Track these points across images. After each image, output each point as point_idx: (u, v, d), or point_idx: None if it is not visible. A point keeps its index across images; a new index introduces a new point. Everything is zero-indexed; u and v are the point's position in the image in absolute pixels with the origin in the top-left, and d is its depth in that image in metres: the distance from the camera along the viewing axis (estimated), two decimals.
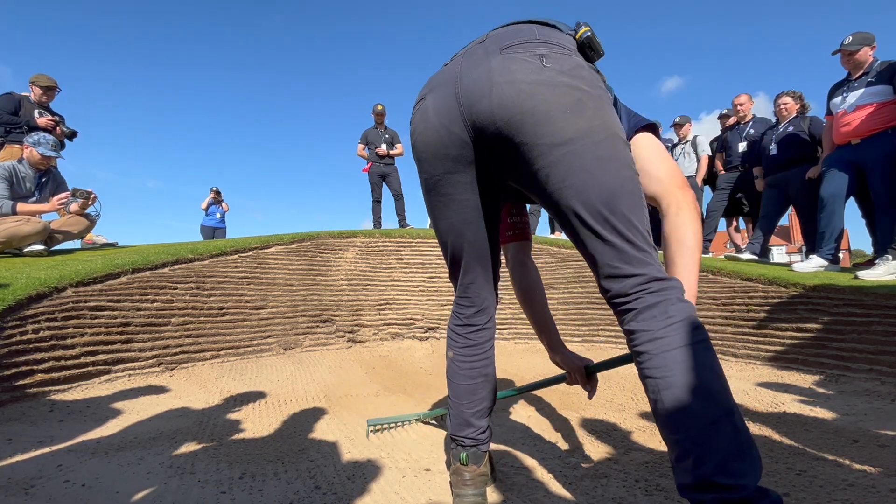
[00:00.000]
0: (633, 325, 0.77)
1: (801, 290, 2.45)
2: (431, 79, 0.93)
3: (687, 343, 0.72)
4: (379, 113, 5.88)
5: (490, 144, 0.83)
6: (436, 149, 0.89)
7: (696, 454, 0.68)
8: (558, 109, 0.75)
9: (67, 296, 2.19)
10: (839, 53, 3.12)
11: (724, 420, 0.68)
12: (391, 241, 4.13)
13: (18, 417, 1.60)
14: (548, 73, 0.76)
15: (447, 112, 0.85)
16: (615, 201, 0.76)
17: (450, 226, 0.98)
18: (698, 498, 0.68)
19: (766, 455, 1.29)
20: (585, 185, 0.75)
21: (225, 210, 8.28)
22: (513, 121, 0.77)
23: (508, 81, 0.76)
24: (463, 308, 1.09)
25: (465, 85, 0.81)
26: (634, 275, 0.77)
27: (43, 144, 3.40)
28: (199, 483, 1.18)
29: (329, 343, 3.17)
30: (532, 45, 0.78)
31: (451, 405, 1.11)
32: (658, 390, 0.73)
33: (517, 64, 0.77)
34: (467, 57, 0.84)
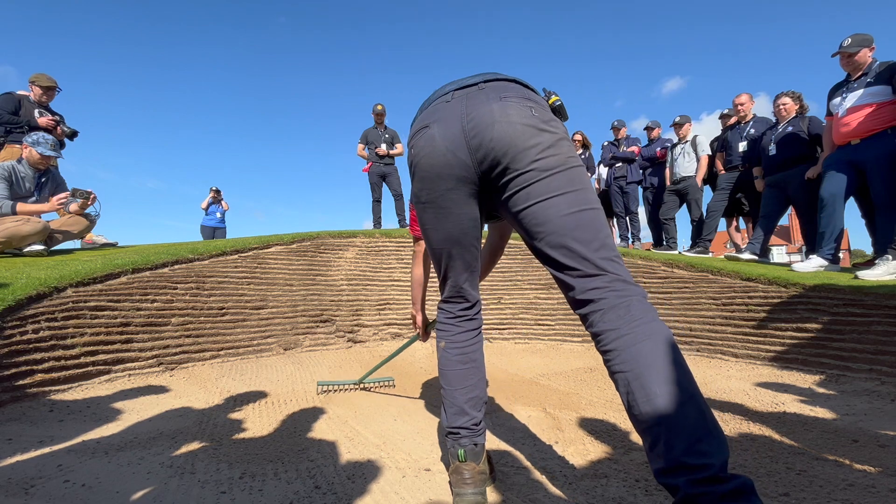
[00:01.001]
0: (600, 326, 0.89)
1: (801, 290, 2.45)
2: (430, 111, 1.09)
3: (649, 335, 0.82)
4: (379, 113, 5.88)
5: (486, 168, 1.01)
6: (441, 169, 1.04)
7: (665, 438, 0.75)
8: (542, 145, 0.96)
9: (67, 296, 2.19)
10: (839, 55, 3.13)
11: (688, 403, 0.76)
12: (391, 241, 4.13)
13: (18, 417, 1.60)
14: (535, 119, 0.98)
15: (454, 139, 1.01)
16: (586, 213, 0.94)
17: (447, 235, 1.13)
18: (672, 481, 0.74)
19: (766, 455, 1.29)
20: (559, 202, 0.94)
21: (225, 209, 8.32)
22: (508, 150, 0.97)
23: (507, 121, 0.97)
24: (454, 304, 1.23)
25: (472, 119, 1.00)
26: (597, 274, 0.91)
27: (42, 144, 3.40)
28: (199, 483, 1.18)
29: (329, 343, 3.17)
30: (523, 99, 1.01)
31: (445, 395, 1.17)
32: (628, 382, 0.81)
33: (514, 109, 0.98)
34: (470, 99, 1.03)
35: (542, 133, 0.97)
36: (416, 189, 1.13)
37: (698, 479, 0.70)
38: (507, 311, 3.56)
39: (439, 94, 1.11)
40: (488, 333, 3.48)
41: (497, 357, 3.05)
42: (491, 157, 0.99)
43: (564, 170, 0.96)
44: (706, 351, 2.62)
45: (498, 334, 3.47)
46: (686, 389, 0.77)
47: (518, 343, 3.37)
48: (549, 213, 0.94)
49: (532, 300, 3.56)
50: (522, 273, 3.80)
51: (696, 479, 0.71)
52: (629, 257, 3.52)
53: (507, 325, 3.50)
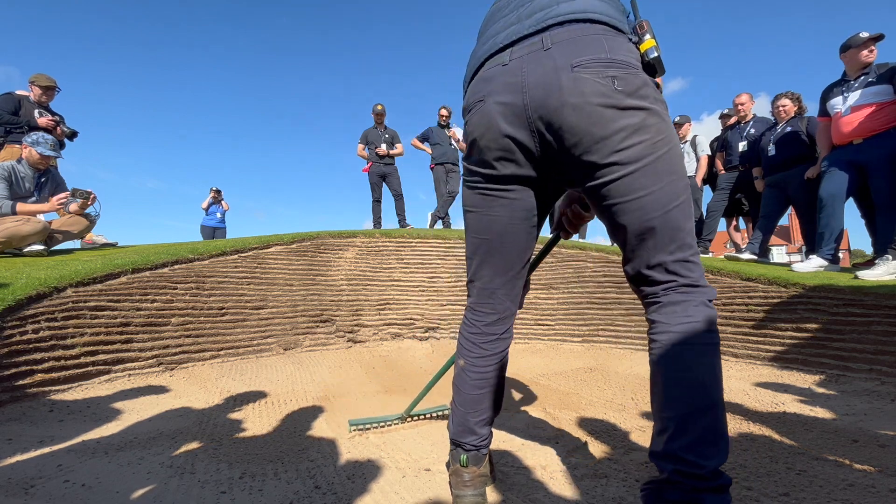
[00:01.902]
0: (655, 315, 0.87)
1: (801, 290, 2.45)
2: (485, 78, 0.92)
3: (696, 342, 0.81)
4: (379, 113, 5.88)
5: (555, 155, 0.87)
6: (497, 152, 0.90)
7: (672, 430, 0.79)
8: (625, 131, 0.80)
9: (67, 296, 2.19)
10: (850, 51, 3.11)
11: (707, 410, 0.78)
12: (391, 241, 4.13)
13: (18, 417, 1.60)
14: (619, 95, 0.79)
15: (513, 118, 0.87)
16: (670, 214, 0.83)
17: (491, 223, 0.97)
18: (660, 465, 0.80)
19: (766, 455, 1.29)
20: (645, 200, 0.82)
21: (225, 209, 8.34)
22: (582, 139, 0.81)
23: (579, 103, 0.79)
24: (481, 315, 1.05)
25: (535, 96, 0.84)
26: (666, 281, 0.86)
27: (42, 144, 3.40)
28: (199, 483, 1.18)
29: (329, 343, 3.17)
30: (602, 65, 0.80)
31: (455, 411, 1.08)
32: (659, 374, 0.84)
33: (589, 85, 0.79)
34: (532, 63, 0.85)
35: (627, 113, 0.79)
36: (467, 166, 1.00)
37: (684, 472, 0.76)
38: None
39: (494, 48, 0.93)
40: None
41: None
42: (559, 145, 0.84)
43: (651, 161, 0.81)
44: None
45: None
46: (709, 397, 0.78)
47: (518, 343, 3.37)
48: (631, 217, 0.84)
49: (532, 300, 3.56)
50: None
51: (682, 471, 0.76)
52: None
53: None
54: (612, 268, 3.47)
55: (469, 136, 0.96)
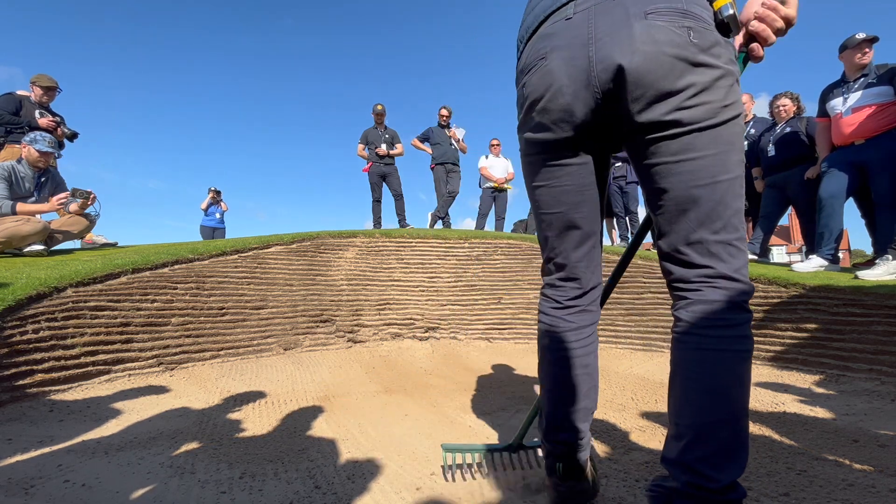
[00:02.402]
0: (683, 313, 0.80)
1: (801, 290, 2.45)
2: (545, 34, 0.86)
3: (725, 348, 0.75)
4: (379, 113, 5.88)
5: (616, 107, 0.81)
6: (560, 114, 0.85)
7: (689, 440, 0.74)
8: (694, 87, 0.74)
9: (67, 296, 2.19)
10: (848, 52, 3.11)
11: (728, 423, 0.73)
12: (391, 241, 4.13)
13: (18, 417, 1.60)
14: (692, 48, 0.74)
15: (577, 76, 0.81)
16: (720, 185, 0.77)
17: (562, 193, 0.92)
18: (673, 473, 0.76)
19: (766, 455, 1.29)
20: (695, 163, 0.76)
21: (224, 210, 8.37)
22: (648, 89, 0.76)
23: (653, 50, 0.74)
24: (564, 290, 0.98)
25: (602, 46, 0.78)
26: (703, 266, 0.78)
27: (40, 141, 3.41)
28: (199, 483, 1.18)
29: (329, 343, 3.17)
30: (678, 15, 0.75)
31: (545, 403, 0.98)
32: (680, 377, 0.79)
33: (663, 33, 0.74)
34: (601, 15, 0.79)
35: (698, 69, 0.74)
36: (526, 138, 0.94)
37: (697, 485, 0.72)
38: (507, 311, 3.56)
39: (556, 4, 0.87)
40: (488, 333, 3.48)
41: (497, 357, 3.04)
42: (623, 95, 0.78)
43: (713, 125, 0.75)
44: None
45: (498, 334, 3.47)
46: (732, 410, 0.73)
47: (518, 343, 3.37)
48: (677, 179, 0.78)
49: (532, 300, 3.56)
50: (522, 273, 3.80)
51: (695, 483, 0.72)
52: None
53: (507, 325, 3.50)
54: (612, 268, 3.47)
55: (527, 98, 0.89)
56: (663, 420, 1.68)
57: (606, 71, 0.78)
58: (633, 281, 3.26)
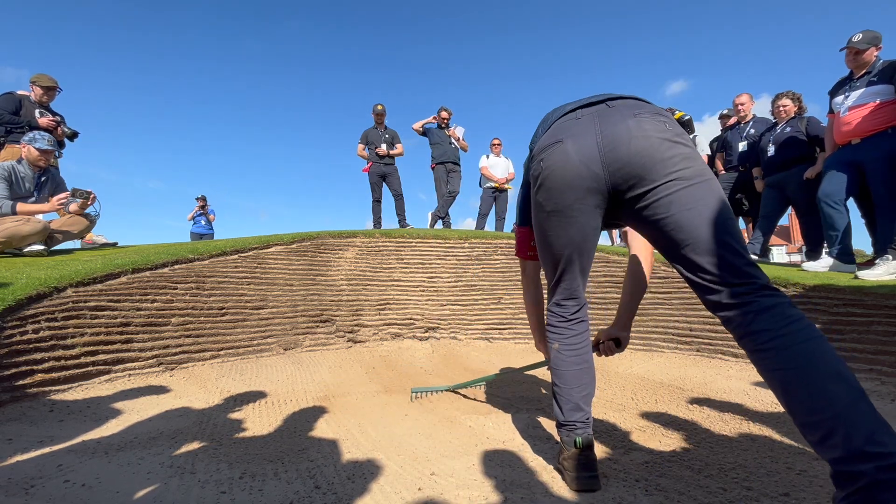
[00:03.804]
0: (754, 326, 0.91)
1: (801, 290, 2.45)
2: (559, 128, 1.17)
3: (810, 337, 0.86)
4: (379, 113, 5.88)
5: (620, 181, 1.08)
6: (573, 180, 1.11)
7: (844, 431, 0.77)
8: (679, 156, 1.02)
9: (67, 296, 2.19)
10: (845, 50, 3.11)
11: (862, 400, 0.79)
12: (391, 241, 4.13)
13: (18, 417, 1.60)
14: (669, 132, 1.05)
15: (588, 154, 1.09)
16: (727, 224, 0.98)
17: (570, 241, 1.19)
18: (855, 468, 0.76)
19: (766, 455, 1.29)
20: (703, 210, 0.99)
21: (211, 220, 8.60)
22: (646, 163, 1.03)
23: (644, 136, 1.04)
24: (567, 308, 1.29)
25: (607, 136, 1.08)
26: (746, 283, 0.95)
27: (39, 140, 3.41)
28: (199, 483, 1.18)
29: (329, 343, 3.17)
30: (656, 114, 1.08)
31: (560, 392, 1.24)
32: (791, 379, 0.85)
33: (649, 124, 1.05)
34: (602, 116, 1.10)
35: (678, 145, 1.03)
36: (541, 199, 1.19)
37: (884, 466, 0.73)
38: (507, 311, 3.56)
39: (564, 112, 1.19)
40: (488, 333, 3.48)
41: (497, 357, 3.05)
42: (627, 171, 1.05)
43: (703, 181, 1.01)
44: (706, 351, 2.62)
45: (498, 334, 3.47)
46: (856, 386, 0.80)
47: (518, 343, 3.37)
48: (694, 223, 0.99)
49: None
50: None
51: (882, 466, 0.73)
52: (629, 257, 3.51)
53: (507, 325, 3.50)
54: (611, 268, 3.47)
55: (544, 170, 1.16)
56: (663, 420, 1.68)
57: (612, 152, 1.06)
58: None
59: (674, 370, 2.46)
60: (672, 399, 1.96)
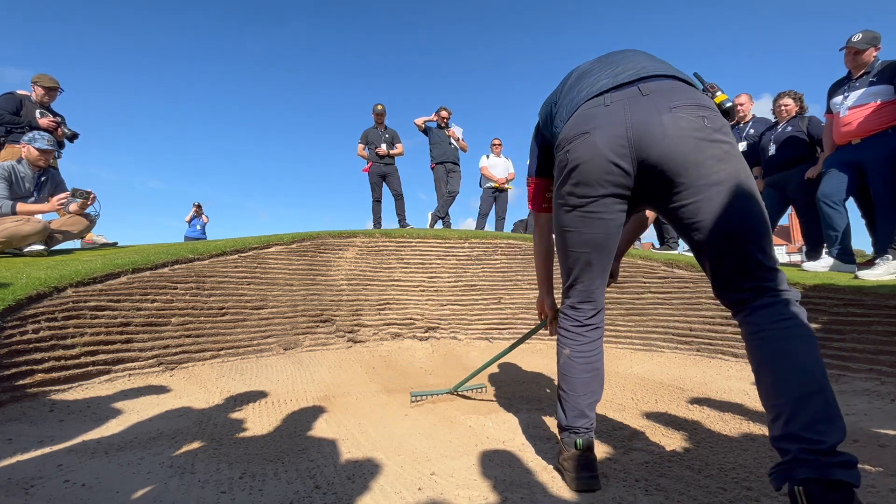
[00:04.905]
0: (751, 318, 0.98)
1: (801, 290, 2.45)
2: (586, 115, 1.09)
3: (792, 335, 0.92)
4: (379, 113, 5.88)
5: (650, 180, 1.04)
6: (599, 176, 1.07)
7: (787, 415, 0.87)
8: (714, 158, 0.98)
9: (67, 296, 2.19)
10: (844, 50, 3.11)
11: (817, 394, 0.86)
12: (391, 241, 4.13)
13: (18, 417, 1.60)
14: (708, 130, 0.99)
15: (617, 149, 1.04)
16: (755, 228, 0.98)
17: (591, 239, 1.15)
18: (784, 447, 0.86)
19: (766, 455, 1.29)
20: (732, 215, 0.97)
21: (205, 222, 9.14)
22: (679, 165, 0.99)
23: (679, 135, 0.99)
24: (583, 311, 1.24)
25: (638, 130, 1.02)
26: (757, 287, 0.98)
27: (39, 140, 3.41)
28: (199, 483, 1.18)
29: (329, 343, 3.17)
30: (694, 107, 1.01)
31: (566, 398, 1.21)
32: (767, 366, 0.93)
33: (686, 121, 0.99)
34: (634, 106, 1.04)
35: (715, 144, 0.98)
36: (565, 193, 1.15)
37: (809, 449, 0.82)
38: (507, 311, 3.56)
39: (592, 94, 1.11)
40: (488, 333, 3.48)
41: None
42: (658, 171, 1.01)
43: (736, 182, 0.97)
44: (706, 351, 2.62)
45: (498, 334, 3.47)
46: (816, 381, 0.87)
47: None
48: (719, 228, 0.98)
49: (532, 300, 3.56)
50: (522, 273, 3.80)
51: (807, 448, 0.82)
52: (629, 257, 3.51)
53: (507, 325, 3.50)
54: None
55: (570, 163, 1.11)
56: (663, 420, 1.68)
57: (643, 149, 1.01)
58: (633, 281, 3.26)
59: (674, 370, 2.46)
60: (672, 399, 1.96)
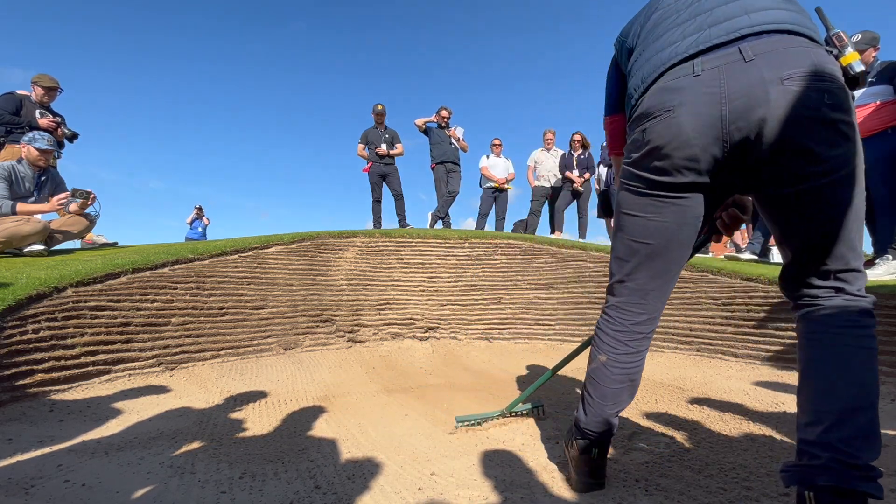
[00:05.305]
0: (815, 317, 0.89)
1: None
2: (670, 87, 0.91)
3: (860, 346, 0.84)
4: (379, 113, 5.88)
5: (744, 166, 0.88)
6: (684, 162, 0.89)
7: (829, 423, 0.80)
8: (826, 144, 0.80)
9: (67, 296, 2.19)
10: None
11: (865, 410, 0.80)
12: (391, 241, 4.13)
13: (18, 417, 1.60)
14: (825, 109, 0.80)
15: (707, 131, 0.85)
16: (852, 225, 0.85)
17: (661, 227, 0.96)
18: (815, 452, 0.80)
19: (766, 455, 1.29)
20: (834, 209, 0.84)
21: (206, 224, 9.41)
22: (784, 151, 0.82)
23: (789, 116, 0.80)
24: (630, 315, 1.04)
25: (735, 108, 0.83)
26: (834, 287, 0.88)
27: (38, 140, 3.41)
28: (199, 483, 1.18)
29: (329, 343, 3.17)
30: (814, 77, 0.80)
31: (591, 403, 1.09)
32: (818, 369, 0.85)
33: (800, 99, 0.79)
34: (733, 76, 0.83)
35: (831, 128, 0.80)
36: (636, 171, 0.98)
37: (842, 461, 0.77)
38: (507, 311, 3.56)
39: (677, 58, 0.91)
40: (489, 333, 3.48)
41: (497, 357, 3.04)
42: (756, 157, 0.85)
43: (845, 173, 0.82)
44: (706, 351, 2.62)
45: (498, 334, 3.47)
46: (867, 398, 0.81)
47: (518, 343, 3.37)
48: (815, 222, 0.85)
49: (532, 300, 3.56)
50: (522, 273, 3.80)
51: (840, 460, 0.77)
52: None
53: (507, 325, 3.50)
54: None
55: (649, 143, 0.93)
56: (663, 420, 1.68)
57: (740, 130, 0.83)
58: None
59: (674, 370, 2.46)
60: (672, 399, 1.96)
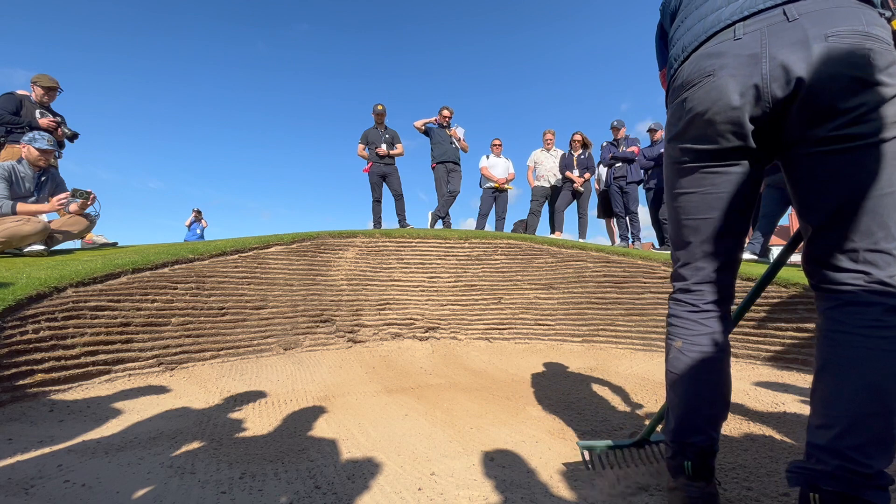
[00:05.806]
0: (837, 313, 0.82)
1: (801, 290, 2.45)
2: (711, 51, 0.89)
3: (885, 350, 0.77)
4: (379, 113, 5.88)
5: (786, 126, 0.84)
6: (727, 126, 0.87)
7: (841, 429, 0.76)
8: (867, 106, 0.76)
9: (67, 296, 2.19)
10: None
11: (881, 416, 0.75)
12: (391, 241, 4.13)
13: (18, 417, 1.60)
14: (869, 69, 0.76)
15: (747, 92, 0.84)
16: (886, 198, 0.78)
17: (716, 199, 0.93)
18: (824, 458, 0.77)
19: (766, 455, 1.29)
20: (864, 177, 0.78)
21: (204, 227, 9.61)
22: (822, 110, 0.79)
23: (830, 73, 0.77)
24: (701, 294, 0.99)
25: (778, 69, 0.80)
26: (858, 272, 0.81)
27: (39, 140, 3.41)
28: (199, 483, 1.18)
29: (329, 343, 3.17)
30: (861, 37, 0.77)
31: (675, 406, 0.98)
32: (834, 371, 0.80)
33: (844, 56, 0.76)
34: (775, 35, 0.81)
35: (875, 90, 0.76)
36: (680, 147, 0.96)
37: (850, 469, 0.74)
38: (507, 311, 3.56)
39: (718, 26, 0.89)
40: (488, 333, 3.48)
41: (497, 357, 3.04)
42: (796, 111, 0.81)
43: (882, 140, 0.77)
44: None
45: (498, 334, 3.47)
46: (885, 405, 0.75)
47: (518, 343, 3.37)
48: (842, 192, 0.80)
49: (532, 300, 3.56)
50: (522, 273, 3.80)
51: (848, 468, 0.74)
52: (629, 257, 3.52)
53: (507, 325, 3.50)
54: (612, 268, 3.47)
55: (690, 111, 0.92)
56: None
57: (781, 88, 0.81)
58: (633, 281, 3.26)
59: None
60: None
